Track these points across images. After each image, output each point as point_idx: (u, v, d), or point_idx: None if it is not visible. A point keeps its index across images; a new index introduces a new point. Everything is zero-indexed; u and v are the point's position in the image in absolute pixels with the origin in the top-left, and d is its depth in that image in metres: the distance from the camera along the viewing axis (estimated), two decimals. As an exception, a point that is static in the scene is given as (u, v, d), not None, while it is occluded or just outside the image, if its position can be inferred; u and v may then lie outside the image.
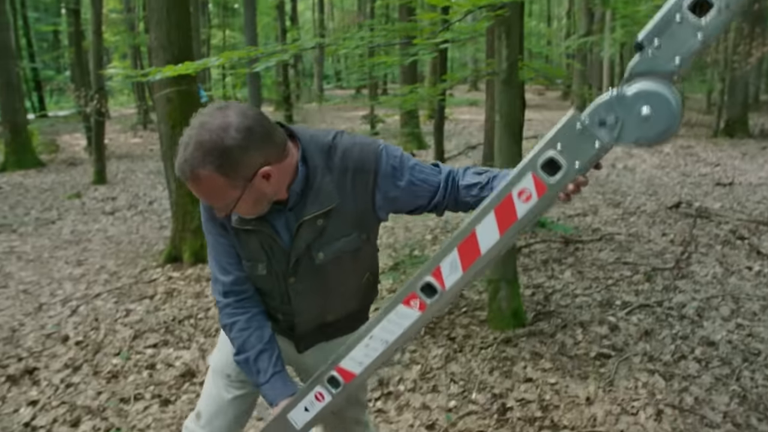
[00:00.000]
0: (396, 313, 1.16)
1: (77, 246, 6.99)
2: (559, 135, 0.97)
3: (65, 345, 4.32)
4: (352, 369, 1.25)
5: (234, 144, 1.41)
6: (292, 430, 1.38)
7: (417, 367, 3.76)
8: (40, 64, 29.19)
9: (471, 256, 1.07)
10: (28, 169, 12.94)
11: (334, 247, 1.65)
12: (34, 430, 3.33)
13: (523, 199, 1.01)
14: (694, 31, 0.88)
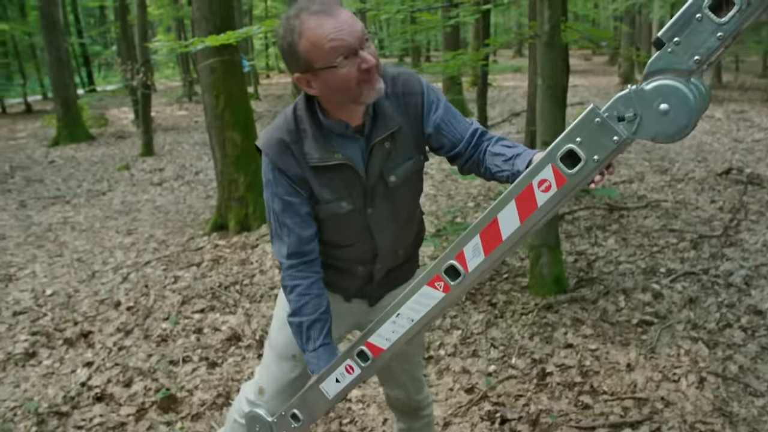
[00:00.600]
0: (421, 294, 1.22)
1: (127, 216, 7.23)
2: (579, 128, 0.99)
3: (117, 310, 4.53)
4: (380, 344, 1.32)
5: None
6: (324, 399, 1.47)
7: (457, 333, 3.83)
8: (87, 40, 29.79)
9: (493, 242, 1.11)
10: (79, 143, 13.33)
11: (402, 169, 1.74)
12: (90, 389, 3.52)
13: (543, 189, 1.04)
14: (714, 30, 0.89)
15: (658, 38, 0.94)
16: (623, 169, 7.89)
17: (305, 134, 1.66)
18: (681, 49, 0.92)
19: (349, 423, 3.10)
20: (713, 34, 0.89)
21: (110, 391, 3.49)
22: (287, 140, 1.67)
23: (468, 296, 4.27)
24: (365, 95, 1.55)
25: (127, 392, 3.47)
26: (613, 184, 7.18)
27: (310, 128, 1.66)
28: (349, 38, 1.48)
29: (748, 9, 0.86)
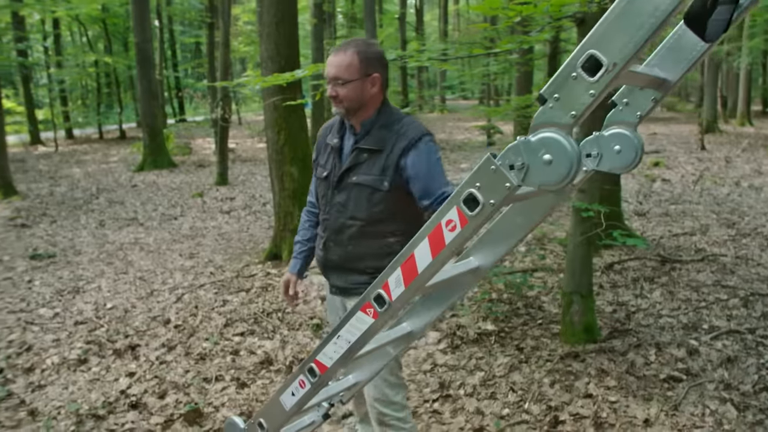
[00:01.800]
0: (356, 318, 1.36)
1: (192, 240, 7.64)
2: (478, 174, 1.11)
3: (166, 327, 4.82)
4: (325, 363, 1.46)
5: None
6: (282, 410, 1.62)
7: (480, 374, 3.88)
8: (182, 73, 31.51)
9: (411, 275, 1.25)
10: (161, 169, 14.12)
11: (363, 177, 2.39)
12: (127, 396, 3.78)
13: (450, 228, 1.17)
14: (587, 87, 1.01)
15: (541, 94, 1.06)
16: (687, 221, 7.71)
17: (337, 123, 2.54)
18: (560, 104, 1.04)
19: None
20: (586, 91, 1.01)
21: (145, 401, 3.74)
22: (329, 125, 2.61)
23: (497, 339, 4.32)
24: (335, 109, 2.43)
25: (159, 403, 3.71)
26: (673, 236, 7.04)
27: (340, 121, 2.53)
28: (327, 68, 2.39)
29: (614, 69, 0.98)
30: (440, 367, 4.00)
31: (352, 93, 2.34)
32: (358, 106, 2.38)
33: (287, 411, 1.61)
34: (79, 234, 8.41)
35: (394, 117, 2.42)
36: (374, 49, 2.42)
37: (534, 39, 4.41)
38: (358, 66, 2.32)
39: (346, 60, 2.32)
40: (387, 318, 1.33)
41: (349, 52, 2.33)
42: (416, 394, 3.68)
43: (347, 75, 2.32)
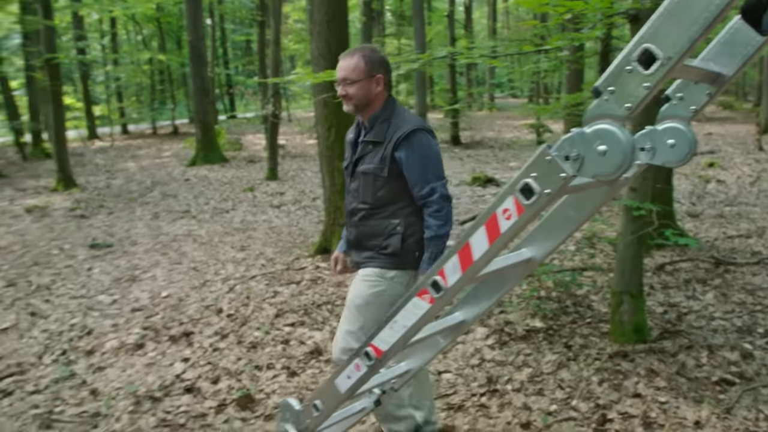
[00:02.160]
0: (413, 303, 1.41)
1: (243, 233, 7.81)
2: (534, 165, 1.15)
3: (219, 316, 4.96)
4: (381, 347, 1.51)
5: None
6: (337, 393, 1.68)
7: (528, 370, 3.89)
8: (233, 70, 32.05)
9: (467, 262, 1.29)
10: (213, 164, 14.43)
11: (368, 165, 2.76)
12: (182, 381, 3.93)
13: (506, 216, 1.21)
14: (642, 80, 1.04)
15: (596, 87, 1.09)
16: (742, 223, 7.53)
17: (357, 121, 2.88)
18: (615, 97, 1.07)
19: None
20: (641, 84, 1.04)
21: (199, 386, 3.87)
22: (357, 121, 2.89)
23: (545, 336, 4.32)
24: (345, 107, 2.78)
25: (213, 388, 3.84)
26: (728, 238, 6.89)
27: (357, 119, 2.86)
28: (337, 72, 2.75)
29: (668, 63, 1.01)
30: (488, 363, 4.02)
31: (359, 92, 2.70)
32: (365, 104, 2.74)
33: (342, 394, 1.67)
34: (134, 225, 8.69)
35: (394, 112, 2.78)
36: (378, 54, 2.80)
37: (585, 36, 4.39)
38: (364, 68, 2.69)
39: (353, 63, 2.70)
40: (443, 304, 1.38)
41: (355, 56, 2.72)
42: (464, 388, 3.72)
43: (354, 76, 2.68)
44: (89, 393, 3.90)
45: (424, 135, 2.70)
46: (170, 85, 27.79)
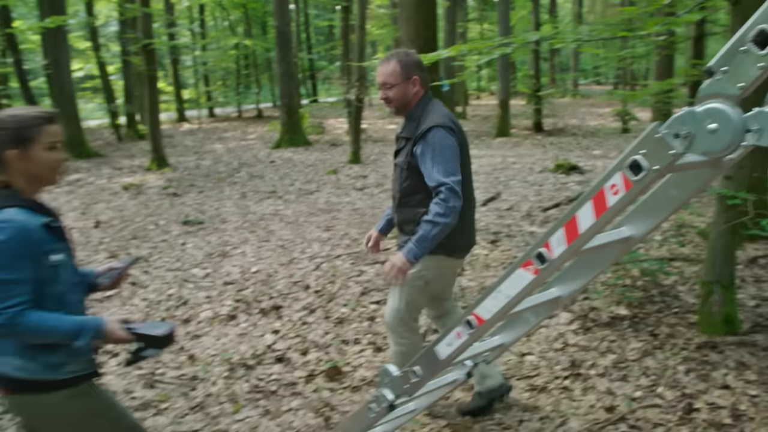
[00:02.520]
0: (517, 274, 1.48)
1: (328, 214, 8.02)
2: (643, 142, 1.20)
3: (306, 292, 5.16)
4: (483, 315, 1.58)
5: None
6: (437, 360, 1.77)
7: (612, 356, 3.88)
8: (315, 55, 32.54)
9: (573, 234, 1.35)
10: (297, 147, 14.78)
11: (399, 159, 2.99)
12: (273, 351, 4.13)
13: (613, 192, 1.26)
14: (756, 60, 1.07)
15: (708, 68, 1.13)
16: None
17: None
18: (727, 77, 1.10)
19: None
20: (755, 64, 1.07)
21: (289, 356, 4.06)
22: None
23: (630, 324, 4.28)
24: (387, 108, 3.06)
25: (302, 359, 4.02)
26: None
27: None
28: (377, 77, 2.98)
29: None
30: (571, 347, 4.04)
31: (398, 94, 2.93)
32: (404, 104, 2.96)
33: (441, 361, 1.76)
34: (223, 204, 9.05)
35: (425, 110, 2.94)
36: (412, 56, 2.99)
37: (682, 20, 4.28)
38: (400, 72, 2.90)
39: (390, 68, 2.91)
40: (546, 275, 1.44)
41: (392, 62, 2.92)
42: (546, 371, 3.75)
43: (392, 80, 2.91)
44: (187, 358, 4.16)
45: (440, 131, 2.83)
46: (255, 70, 28.50)
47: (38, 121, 1.90)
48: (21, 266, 1.80)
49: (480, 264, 5.58)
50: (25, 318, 1.78)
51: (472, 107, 25.58)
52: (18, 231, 1.80)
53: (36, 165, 1.91)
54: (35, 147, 1.89)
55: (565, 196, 8.46)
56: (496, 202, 8.41)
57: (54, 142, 1.93)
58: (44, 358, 1.91)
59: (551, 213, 7.63)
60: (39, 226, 1.86)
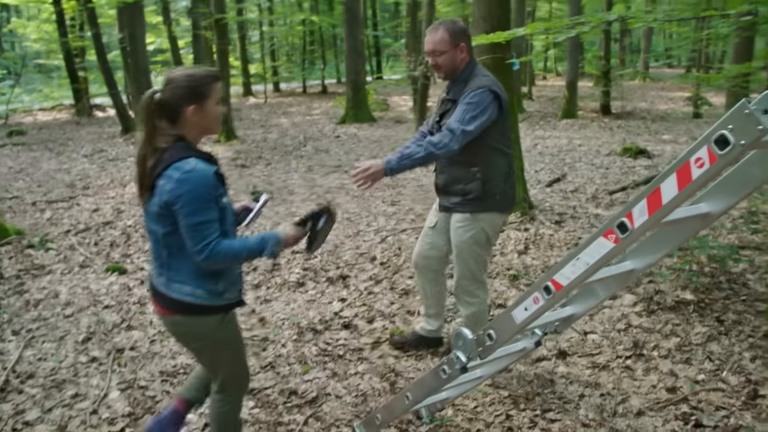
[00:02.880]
0: (597, 243, 1.54)
1: (393, 190, 8.13)
2: (731, 117, 1.24)
3: (372, 263, 5.30)
4: (561, 282, 1.66)
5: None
6: (512, 324, 1.85)
7: (675, 339, 3.88)
8: (381, 32, 32.52)
9: (655, 205, 1.41)
10: (362, 123, 14.92)
11: (447, 120, 3.09)
12: (340, 318, 4.30)
13: (698, 165, 1.31)
14: None
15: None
16: None
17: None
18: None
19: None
20: None
21: (355, 323, 4.21)
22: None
23: (695, 308, 4.26)
24: (436, 74, 3.29)
25: (368, 327, 4.16)
26: None
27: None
28: (426, 45, 3.18)
29: None
30: (634, 328, 4.05)
31: (447, 61, 3.11)
32: (452, 70, 3.15)
33: (517, 324, 1.84)
34: (290, 176, 9.28)
35: (472, 73, 3.15)
36: (458, 25, 3.17)
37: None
38: (449, 39, 3.07)
39: (438, 36, 3.09)
40: (627, 244, 1.50)
41: (440, 30, 3.10)
42: (609, 350, 3.79)
43: (442, 47, 3.08)
44: (258, 321, 4.35)
45: (485, 93, 3.02)
46: (321, 46, 28.72)
47: (209, 79, 2.17)
48: (210, 208, 2.11)
49: (544, 243, 5.61)
50: (219, 248, 2.11)
51: (537, 88, 25.20)
52: (203, 178, 2.09)
53: (207, 118, 2.19)
54: (208, 102, 2.17)
55: (631, 180, 8.34)
56: (561, 184, 8.36)
57: (219, 98, 2.22)
58: (211, 285, 2.23)
59: (617, 196, 7.55)
60: (213, 174, 2.13)
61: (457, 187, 3.21)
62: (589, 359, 3.71)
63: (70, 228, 6.69)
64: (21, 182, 9.58)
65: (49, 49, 25.61)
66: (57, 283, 5.10)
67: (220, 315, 2.32)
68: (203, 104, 2.15)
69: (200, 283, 2.22)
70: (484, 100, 3.01)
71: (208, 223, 2.10)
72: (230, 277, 2.30)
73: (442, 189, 3.34)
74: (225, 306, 2.32)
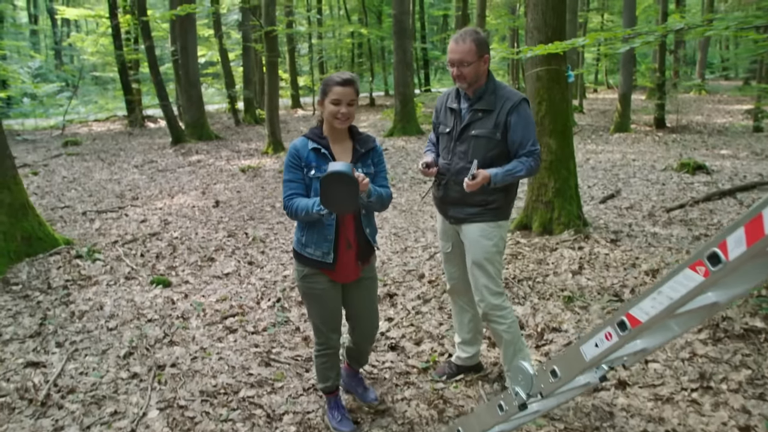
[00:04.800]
0: (683, 275, 1.35)
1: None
2: None
3: (420, 281, 5.11)
4: (639, 317, 1.47)
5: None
6: (581, 360, 1.66)
7: (746, 372, 3.60)
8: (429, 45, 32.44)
9: (756, 235, 1.21)
10: (410, 136, 14.79)
11: (480, 130, 3.15)
12: (387, 339, 4.12)
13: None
14: None
15: None
16: None
17: (454, 92, 3.34)
18: None
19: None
20: None
21: (402, 345, 4.04)
22: (446, 94, 3.42)
23: (766, 338, 3.96)
24: (459, 85, 3.20)
25: (416, 349, 3.99)
26: None
27: (455, 91, 3.32)
28: (451, 55, 3.11)
29: None
30: (700, 358, 3.78)
31: (472, 71, 3.10)
32: (475, 80, 3.14)
33: (586, 362, 1.66)
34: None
35: (497, 85, 3.19)
36: (483, 35, 3.18)
37: None
38: (476, 50, 3.08)
39: (467, 47, 3.08)
40: (719, 278, 1.31)
41: (467, 41, 3.09)
42: (672, 381, 3.53)
43: (469, 58, 3.07)
44: (302, 339, 4.23)
45: (526, 105, 3.14)
46: (370, 59, 28.78)
47: (332, 82, 2.78)
48: (291, 171, 2.82)
49: (600, 263, 5.35)
50: (289, 203, 2.80)
51: (588, 101, 24.73)
52: (291, 148, 2.85)
53: (326, 112, 2.80)
54: (326, 99, 2.79)
55: (690, 197, 7.99)
56: (616, 200, 8.06)
57: (336, 100, 2.77)
58: (299, 234, 2.93)
59: (675, 214, 7.22)
60: (309, 149, 2.81)
61: (477, 198, 3.19)
62: (651, 391, 3.47)
63: (118, 239, 6.72)
64: (73, 192, 9.72)
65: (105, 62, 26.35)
66: (102, 295, 5.09)
67: (302, 266, 2.95)
68: (324, 100, 2.81)
69: (296, 231, 2.96)
70: (529, 111, 3.18)
71: (288, 182, 2.82)
72: (312, 234, 2.86)
73: (456, 201, 3.29)
74: (308, 259, 2.91)
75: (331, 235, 2.85)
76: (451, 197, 3.29)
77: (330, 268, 2.89)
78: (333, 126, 2.83)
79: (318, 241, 2.85)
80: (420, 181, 9.75)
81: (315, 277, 2.95)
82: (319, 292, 2.97)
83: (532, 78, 6.06)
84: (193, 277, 5.52)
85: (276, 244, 6.46)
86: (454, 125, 3.27)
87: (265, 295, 5.05)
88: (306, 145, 2.81)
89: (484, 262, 3.25)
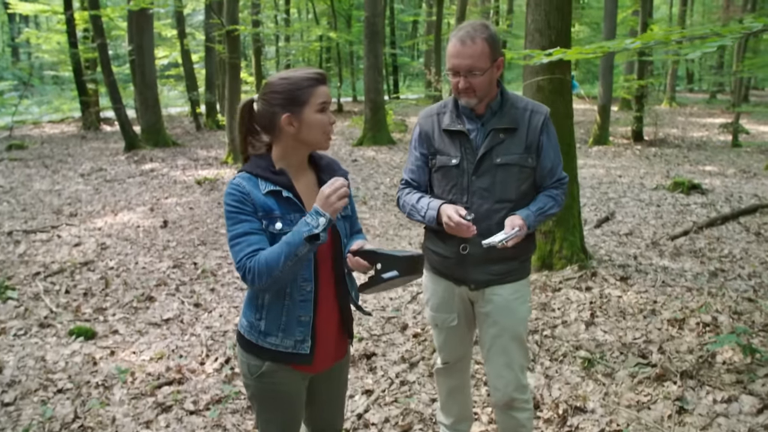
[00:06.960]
0: None
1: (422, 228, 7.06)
2: None
3: (403, 334, 4.19)
4: None
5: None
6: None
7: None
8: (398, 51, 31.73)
9: None
10: (380, 146, 13.88)
11: (507, 156, 2.32)
12: (366, 426, 3.17)
13: None
14: None
15: None
16: None
17: (451, 110, 2.41)
18: None
19: None
20: None
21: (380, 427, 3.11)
22: (432, 113, 2.51)
23: None
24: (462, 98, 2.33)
25: None
26: None
27: (452, 107, 2.41)
28: (456, 61, 2.23)
29: None
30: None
31: (485, 81, 2.26)
32: (488, 93, 2.31)
33: None
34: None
35: (513, 95, 2.44)
36: (494, 30, 2.32)
37: None
38: (490, 53, 2.23)
39: (479, 49, 2.21)
40: None
41: (478, 40, 2.21)
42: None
43: (482, 64, 2.22)
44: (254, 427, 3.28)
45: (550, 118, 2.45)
46: (338, 63, 27.89)
47: (308, 83, 1.87)
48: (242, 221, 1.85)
49: (613, 309, 4.51)
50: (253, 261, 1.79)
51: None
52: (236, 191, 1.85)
53: (306, 128, 1.88)
54: (306, 109, 1.87)
55: (691, 222, 7.26)
56: (612, 224, 7.28)
57: (323, 104, 1.89)
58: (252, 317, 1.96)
59: (680, 242, 6.46)
60: (264, 193, 1.87)
61: (508, 251, 2.28)
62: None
63: (41, 269, 5.67)
64: (5, 205, 8.62)
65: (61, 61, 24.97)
66: (6, 350, 4.06)
67: (259, 360, 1.96)
68: (298, 112, 1.86)
69: (246, 311, 2.00)
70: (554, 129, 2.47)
71: (243, 237, 1.83)
72: (277, 316, 1.91)
73: (481, 258, 2.35)
74: (270, 352, 1.94)
75: (307, 315, 1.92)
76: (475, 254, 2.36)
77: (305, 361, 1.95)
78: (312, 146, 1.95)
79: (287, 325, 1.91)
80: (393, 198, 8.85)
81: (279, 375, 1.97)
82: (282, 394, 2.02)
83: (531, 88, 5.20)
84: (125, 324, 4.51)
85: (229, 278, 5.49)
86: (464, 154, 2.36)
87: (212, 351, 4.09)
88: (256, 185, 1.86)
89: (518, 335, 2.46)
